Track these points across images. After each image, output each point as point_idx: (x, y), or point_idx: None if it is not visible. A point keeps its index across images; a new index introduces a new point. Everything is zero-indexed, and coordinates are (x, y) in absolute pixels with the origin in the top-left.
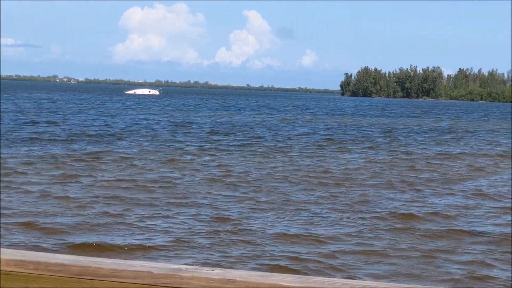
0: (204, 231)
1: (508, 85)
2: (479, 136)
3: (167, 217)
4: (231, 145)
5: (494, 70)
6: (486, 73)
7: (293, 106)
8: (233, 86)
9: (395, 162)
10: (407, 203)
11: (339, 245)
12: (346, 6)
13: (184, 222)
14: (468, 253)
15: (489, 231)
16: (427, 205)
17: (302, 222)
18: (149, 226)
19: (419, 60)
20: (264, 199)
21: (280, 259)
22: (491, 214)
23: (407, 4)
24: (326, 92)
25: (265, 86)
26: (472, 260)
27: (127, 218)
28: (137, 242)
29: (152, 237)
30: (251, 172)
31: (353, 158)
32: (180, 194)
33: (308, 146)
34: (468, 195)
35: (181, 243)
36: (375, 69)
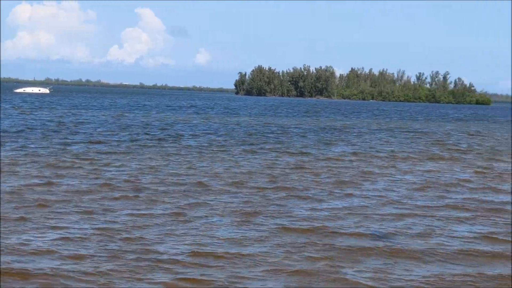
0: None
1: (397, 84)
2: (370, 135)
3: None
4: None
5: (384, 69)
6: (376, 73)
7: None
8: (126, 85)
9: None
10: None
11: None
12: (240, 5)
13: None
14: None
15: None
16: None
17: None
18: None
19: (313, 60)
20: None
21: None
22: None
23: (298, 4)
24: (220, 91)
25: (159, 84)
26: None
27: None
28: None
29: None
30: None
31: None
32: None
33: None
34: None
35: None
36: (269, 68)
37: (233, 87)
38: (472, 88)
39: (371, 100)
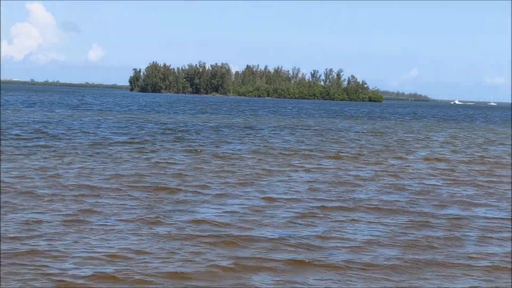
0: None
1: (292, 81)
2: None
3: None
4: None
5: (280, 67)
6: (272, 70)
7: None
8: (15, 81)
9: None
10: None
11: None
12: (133, 2)
13: None
14: None
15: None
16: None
17: None
18: None
19: (208, 57)
20: None
21: None
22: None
23: (191, 4)
24: (114, 87)
25: (50, 81)
26: None
27: None
28: None
29: None
30: None
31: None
32: None
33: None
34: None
35: None
36: (164, 65)
37: (128, 83)
38: (365, 85)
39: (267, 97)
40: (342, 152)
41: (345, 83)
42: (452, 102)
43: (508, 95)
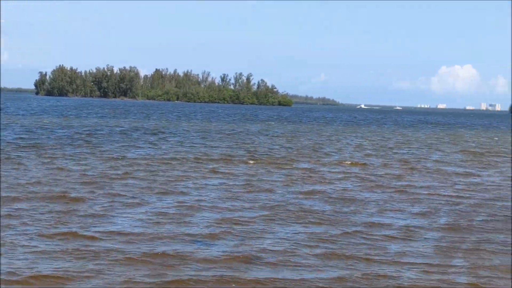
0: None
1: (202, 85)
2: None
3: None
4: None
5: (189, 71)
6: (181, 74)
7: None
8: None
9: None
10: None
11: None
12: (37, 3)
13: None
14: None
15: None
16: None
17: None
18: None
19: (116, 60)
20: None
21: None
22: None
23: (95, 4)
24: (19, 91)
25: None
26: None
27: None
28: None
29: None
30: None
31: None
32: None
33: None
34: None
35: None
36: (71, 68)
37: (33, 87)
38: (275, 89)
39: (176, 101)
40: (254, 157)
41: (255, 87)
42: (358, 107)
43: (413, 100)
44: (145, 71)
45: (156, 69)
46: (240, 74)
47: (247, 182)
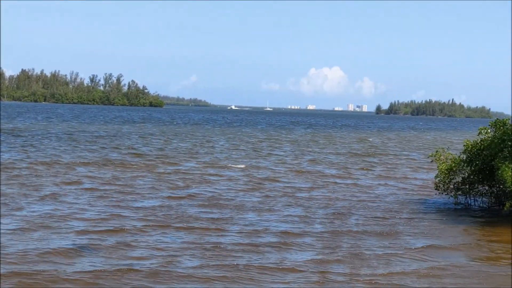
0: None
1: (71, 86)
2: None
3: None
4: None
5: (57, 71)
6: (49, 74)
7: None
8: None
9: None
10: None
11: None
12: None
13: None
14: None
15: None
16: None
17: None
18: None
19: None
20: None
21: None
22: None
23: None
24: None
25: None
26: None
27: None
28: None
29: None
30: None
31: None
32: None
33: None
34: None
35: None
36: None
37: None
38: (146, 90)
39: (44, 102)
40: (126, 160)
41: (126, 88)
42: (229, 107)
43: (283, 101)
44: (10, 71)
45: (22, 69)
46: (110, 74)
47: (117, 186)
